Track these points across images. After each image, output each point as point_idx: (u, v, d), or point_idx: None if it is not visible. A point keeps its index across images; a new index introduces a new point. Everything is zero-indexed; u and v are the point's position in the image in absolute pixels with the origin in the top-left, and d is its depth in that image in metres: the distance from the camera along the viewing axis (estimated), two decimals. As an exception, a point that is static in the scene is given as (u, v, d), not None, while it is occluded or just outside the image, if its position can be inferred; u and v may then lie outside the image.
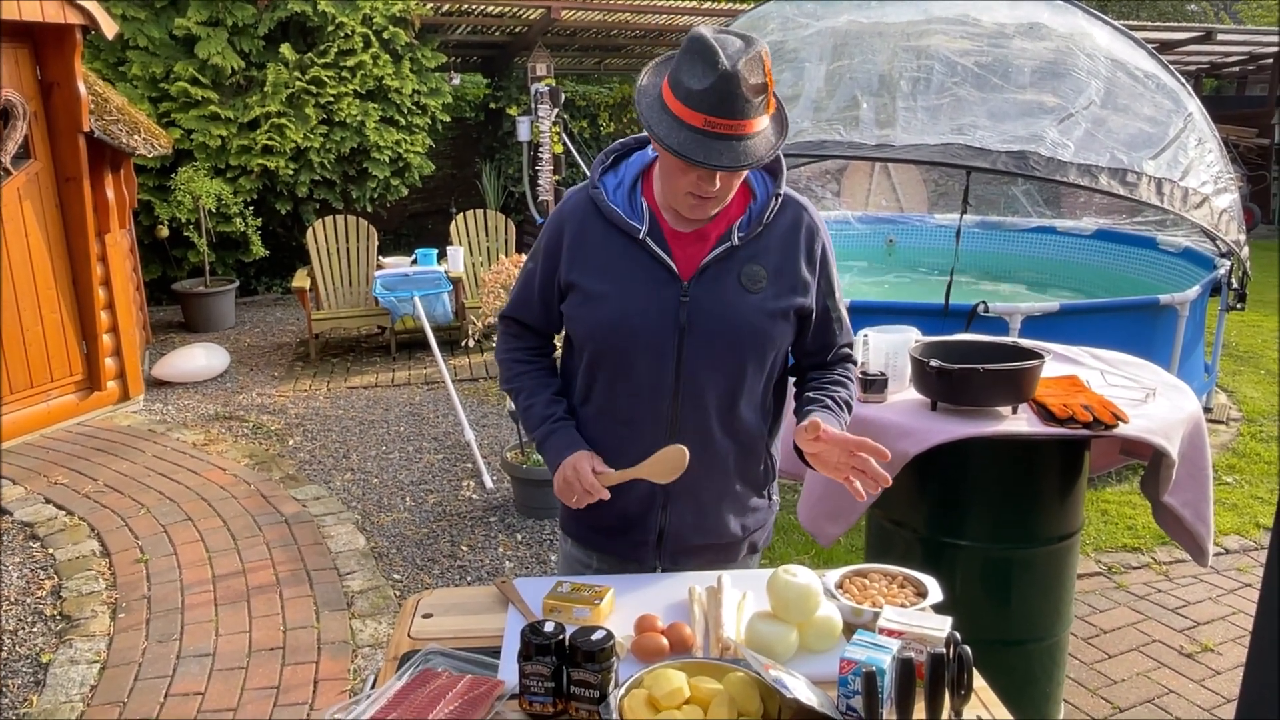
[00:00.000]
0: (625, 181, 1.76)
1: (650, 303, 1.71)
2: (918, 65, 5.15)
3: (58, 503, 4.39)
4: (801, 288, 1.76)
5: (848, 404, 1.84)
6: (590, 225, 1.75)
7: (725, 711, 1.33)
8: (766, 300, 1.72)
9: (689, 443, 1.69)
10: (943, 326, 4.32)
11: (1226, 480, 4.64)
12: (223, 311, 7.67)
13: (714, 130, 1.53)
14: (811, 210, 1.80)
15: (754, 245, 1.73)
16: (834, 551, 3.71)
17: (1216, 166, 5.11)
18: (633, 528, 1.84)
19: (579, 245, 1.75)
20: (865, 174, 8.26)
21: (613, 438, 1.78)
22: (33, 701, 2.99)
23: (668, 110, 1.57)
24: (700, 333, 1.71)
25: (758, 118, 1.56)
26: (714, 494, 1.82)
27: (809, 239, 1.77)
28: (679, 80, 1.56)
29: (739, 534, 1.89)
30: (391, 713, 1.37)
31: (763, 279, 1.72)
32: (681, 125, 1.55)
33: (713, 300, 1.71)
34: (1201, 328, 5.31)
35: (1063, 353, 2.95)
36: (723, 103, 1.52)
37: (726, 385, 1.75)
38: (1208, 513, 2.60)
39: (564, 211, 1.79)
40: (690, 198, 1.64)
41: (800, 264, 1.76)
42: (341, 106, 8.10)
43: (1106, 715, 2.92)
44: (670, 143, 1.54)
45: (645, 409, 1.75)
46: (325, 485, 4.64)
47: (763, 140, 1.58)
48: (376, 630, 3.39)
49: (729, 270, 1.71)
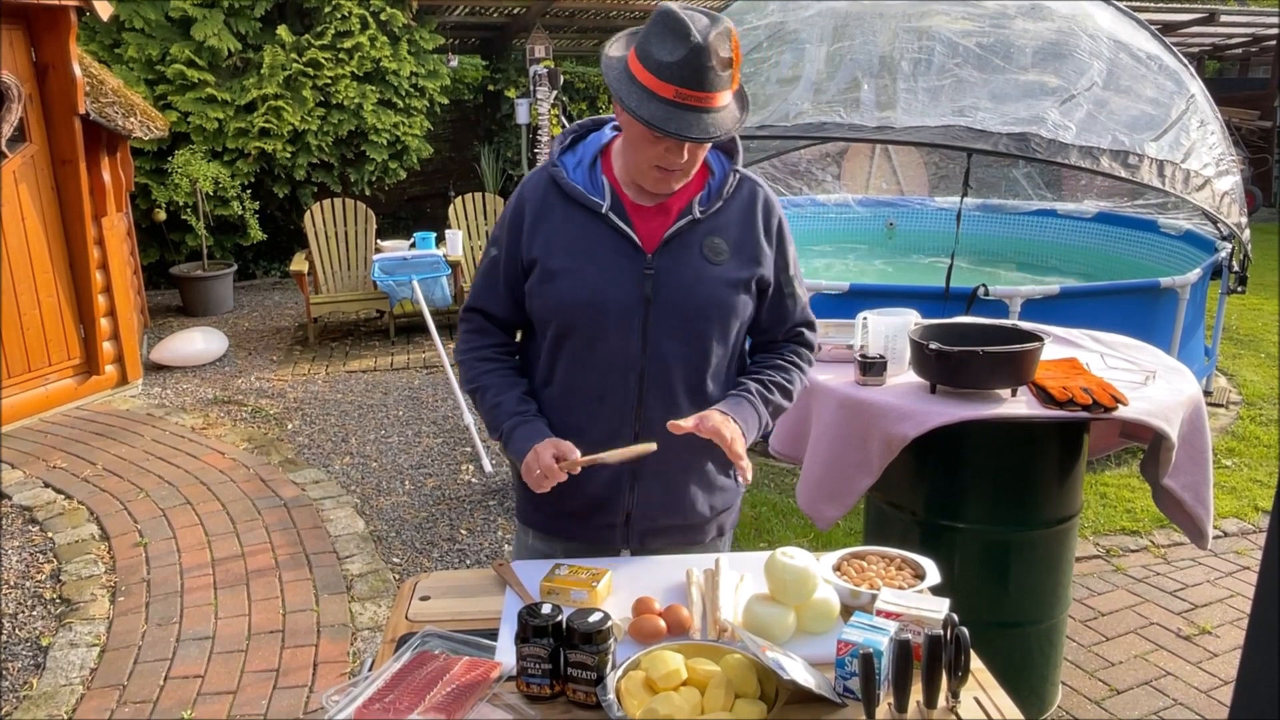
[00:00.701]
0: (585, 160, 1.77)
1: (615, 275, 1.71)
2: (919, 46, 5.12)
3: (57, 486, 4.39)
4: (761, 260, 1.79)
5: (781, 387, 1.84)
6: (551, 203, 1.76)
7: (722, 693, 1.33)
8: (728, 271, 1.76)
9: (655, 417, 1.73)
10: (943, 309, 4.31)
11: (1226, 463, 4.64)
12: (221, 295, 7.65)
13: (685, 102, 1.55)
14: (766, 188, 1.84)
15: (714, 219, 1.76)
16: (832, 534, 3.71)
17: (1218, 149, 5.09)
18: (600, 511, 1.84)
19: (541, 223, 1.75)
20: (866, 156, 8.23)
21: (579, 414, 1.78)
22: (33, 684, 3.00)
23: (637, 82, 1.58)
24: (665, 304, 1.73)
25: (724, 91, 1.59)
26: (682, 471, 1.83)
27: (766, 213, 1.81)
28: (649, 53, 1.57)
29: (707, 514, 1.89)
30: (389, 694, 1.37)
31: (724, 251, 1.75)
32: (653, 97, 1.56)
33: (677, 272, 1.73)
34: (1202, 311, 5.30)
35: (1062, 335, 2.95)
36: (694, 74, 1.54)
37: (691, 357, 1.77)
38: (1207, 496, 2.60)
39: (524, 193, 1.79)
40: (656, 170, 1.65)
41: (759, 236, 1.80)
42: (339, 89, 8.06)
43: (1103, 697, 2.93)
44: (642, 114, 1.56)
45: (612, 383, 1.75)
46: (324, 469, 4.64)
47: (729, 114, 1.61)
48: (376, 613, 3.39)
49: (691, 242, 1.74)
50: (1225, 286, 5.45)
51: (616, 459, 1.67)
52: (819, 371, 2.66)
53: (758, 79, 5.46)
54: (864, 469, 2.50)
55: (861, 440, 2.48)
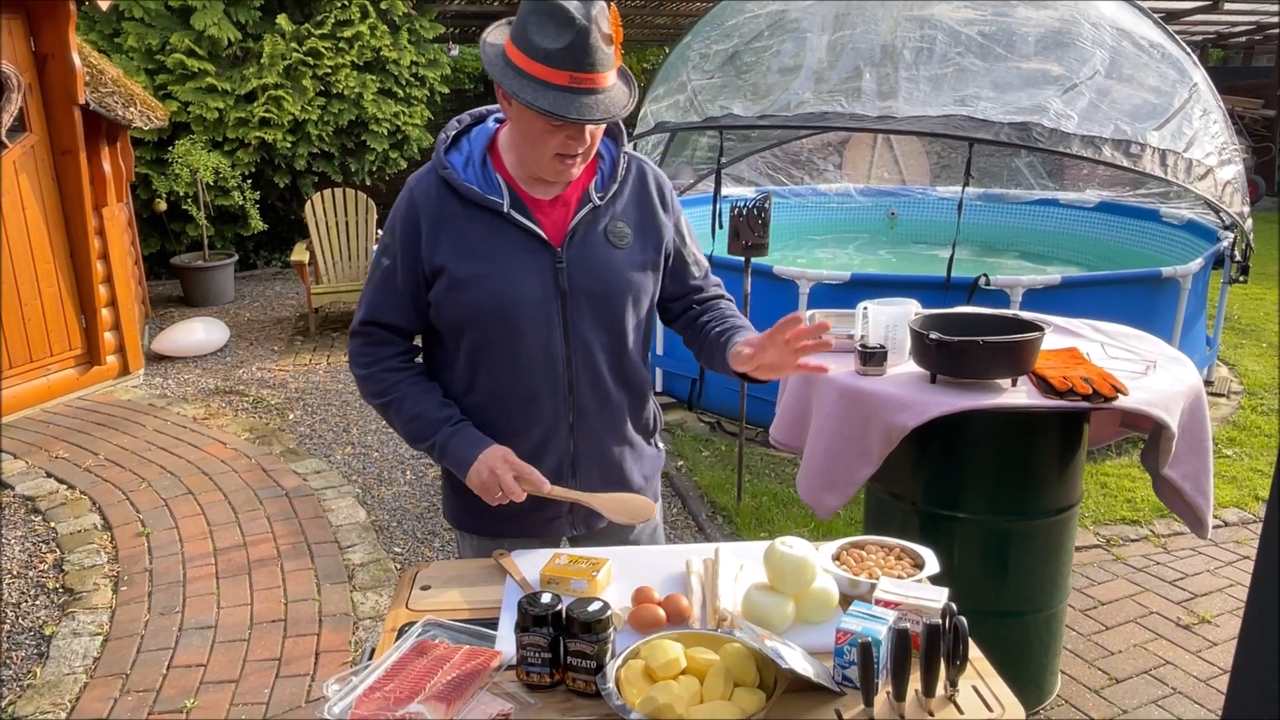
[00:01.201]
0: (474, 157, 1.73)
1: (528, 274, 1.70)
2: (921, 35, 5.09)
3: (59, 476, 4.40)
4: (663, 235, 1.83)
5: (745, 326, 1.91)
6: (447, 207, 1.70)
7: (721, 682, 1.33)
8: (635, 253, 1.78)
9: (586, 404, 1.77)
10: (944, 299, 4.30)
11: (1227, 453, 4.64)
12: (222, 286, 7.65)
13: (580, 86, 1.54)
14: (653, 165, 1.87)
15: (613, 204, 1.78)
16: (832, 524, 3.71)
17: (1221, 138, 5.07)
18: (546, 503, 1.83)
19: (440, 229, 1.70)
20: (867, 146, 8.20)
21: (514, 417, 1.77)
22: (36, 673, 3.02)
23: (526, 74, 1.55)
24: (581, 294, 1.73)
25: (611, 70, 1.58)
26: (617, 446, 1.86)
27: (659, 190, 1.84)
28: (532, 43, 1.54)
29: (641, 483, 1.93)
30: (389, 683, 1.38)
31: (628, 234, 1.77)
32: (547, 86, 1.54)
33: (587, 261, 1.73)
34: (1204, 300, 5.29)
35: (1063, 325, 2.94)
36: (585, 57, 1.53)
37: (612, 340, 1.79)
38: (1207, 485, 2.60)
39: (414, 198, 1.72)
40: (558, 160, 1.64)
41: (658, 213, 1.82)
42: (339, 78, 8.04)
43: (1103, 685, 2.94)
44: (540, 105, 1.53)
45: (540, 380, 1.75)
46: (326, 459, 4.65)
47: (619, 91, 1.61)
48: (378, 602, 3.40)
49: (595, 230, 1.75)
50: (1227, 276, 5.43)
51: (602, 506, 1.75)
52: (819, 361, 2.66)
53: (759, 68, 5.44)
54: (864, 459, 2.51)
55: (861, 430, 2.48)
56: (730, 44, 5.74)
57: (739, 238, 3.72)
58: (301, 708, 2.85)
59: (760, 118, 5.02)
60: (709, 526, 3.92)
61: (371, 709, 1.32)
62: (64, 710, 2.84)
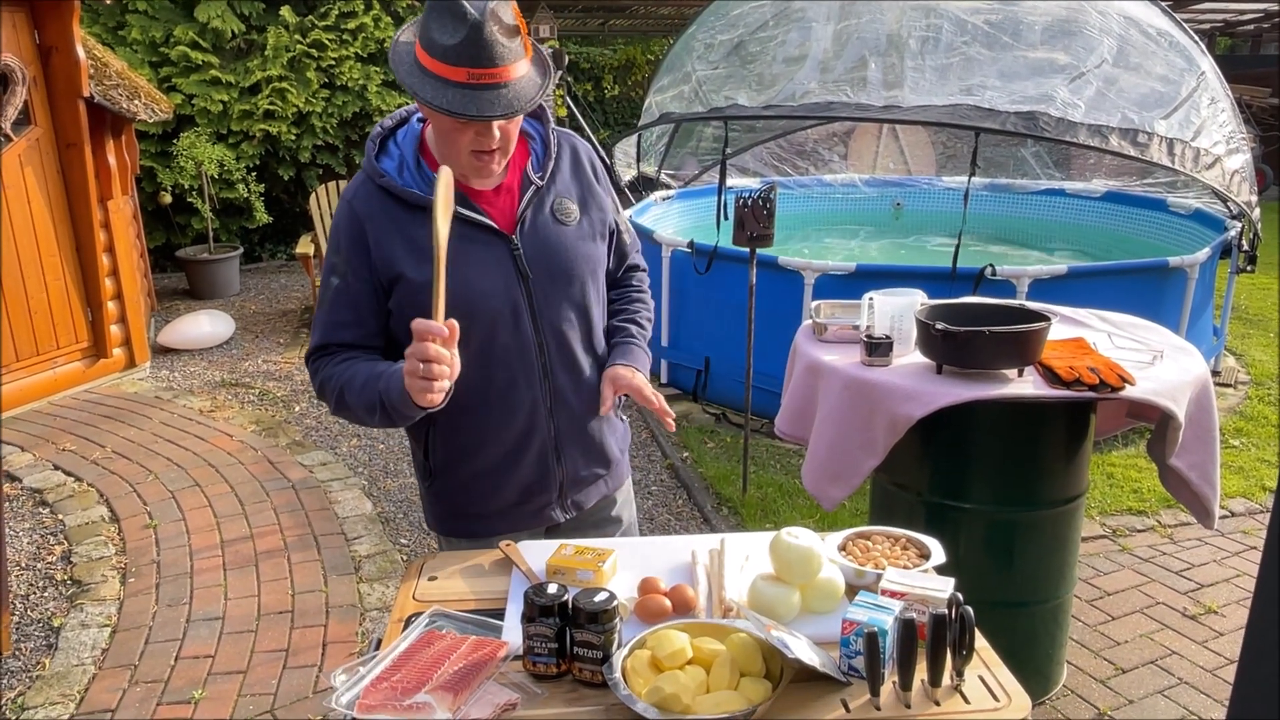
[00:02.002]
0: (407, 159, 1.71)
1: (488, 266, 1.70)
2: (927, 24, 5.07)
3: (66, 469, 4.42)
4: (605, 207, 1.85)
5: (649, 320, 1.99)
6: (392, 214, 1.67)
7: (727, 672, 1.33)
8: (584, 227, 1.80)
9: (562, 383, 1.79)
10: (950, 290, 4.29)
11: (1233, 443, 4.63)
12: (227, 278, 7.66)
13: (479, 82, 1.52)
14: (580, 139, 1.88)
15: (553, 183, 1.78)
16: (838, 515, 3.71)
17: (1229, 127, 5.04)
18: (534, 494, 1.84)
19: (388, 236, 1.67)
20: (873, 136, 8.17)
21: (495, 410, 1.76)
22: (45, 664, 3.03)
23: (428, 72, 1.54)
24: (542, 277, 1.74)
25: (518, 61, 1.56)
26: (594, 423, 1.88)
27: (591, 163, 1.86)
28: (431, 40, 1.53)
29: (618, 456, 1.97)
30: (396, 673, 1.38)
31: (573, 210, 1.79)
32: (447, 84, 1.52)
33: (541, 243, 1.74)
34: (1211, 290, 5.27)
35: (1070, 315, 2.93)
36: (481, 52, 1.51)
37: (580, 318, 1.81)
38: (1214, 475, 2.59)
39: (355, 211, 1.68)
40: (474, 157, 1.62)
41: (594, 185, 1.84)
42: (343, 70, 8.03)
43: (1109, 676, 2.94)
44: (440, 103, 1.52)
45: (515, 369, 1.75)
46: (331, 451, 4.66)
47: (529, 83, 1.58)
48: (384, 594, 3.41)
49: (542, 211, 1.76)
50: (1234, 265, 5.41)
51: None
52: (824, 352, 2.66)
53: (764, 58, 5.42)
54: (869, 449, 2.50)
55: (867, 421, 2.48)
56: (735, 34, 5.72)
57: (744, 229, 3.71)
58: (309, 698, 2.86)
59: (765, 108, 5.00)
60: (714, 518, 3.92)
61: (379, 699, 1.33)
62: (73, 701, 2.85)
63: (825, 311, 2.88)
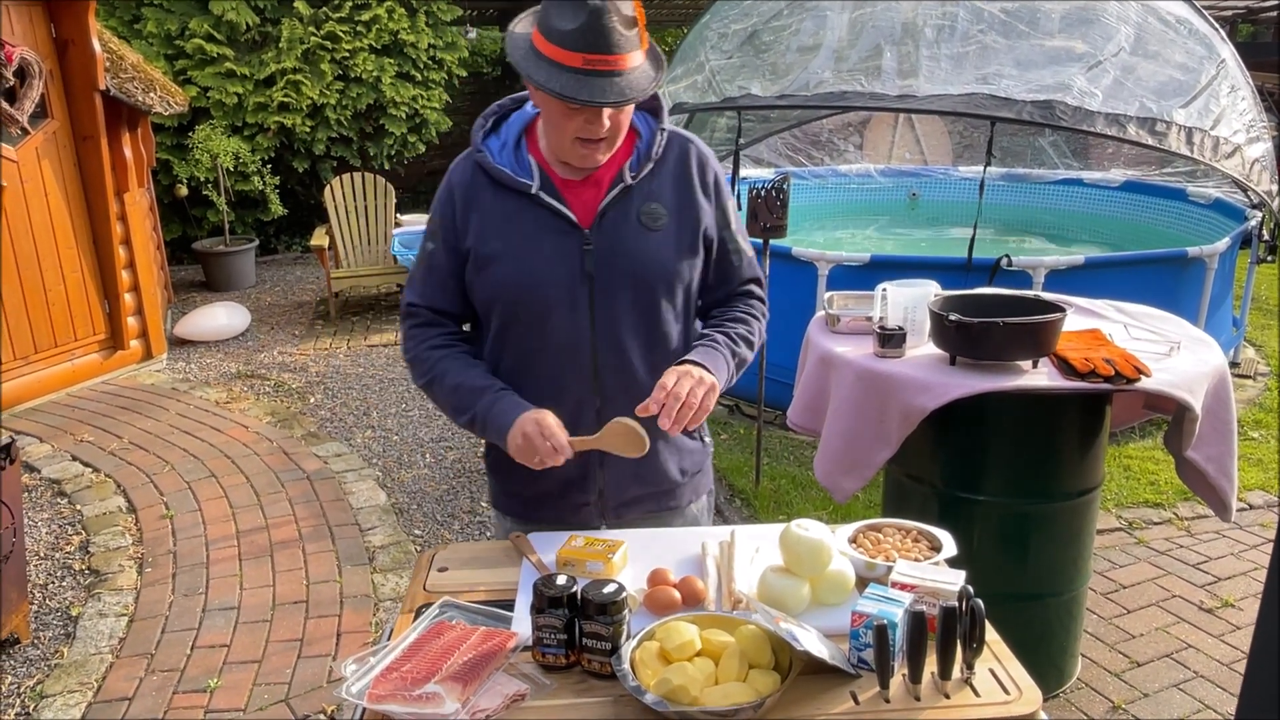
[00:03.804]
0: (509, 141, 1.73)
1: (553, 256, 1.69)
2: (942, 12, 5.02)
3: (84, 460, 4.46)
4: (701, 218, 1.75)
5: (745, 339, 1.81)
6: (480, 190, 1.71)
7: (736, 664, 1.33)
8: (669, 235, 1.72)
9: (614, 391, 1.72)
10: (965, 281, 4.25)
11: (1253, 435, 4.58)
12: (243, 270, 7.70)
13: (594, 68, 1.52)
14: (699, 143, 1.79)
15: (648, 183, 1.72)
16: (851, 507, 3.70)
17: (1249, 115, 4.97)
18: (572, 490, 1.82)
19: (472, 211, 1.71)
20: (888, 126, 8.12)
21: (536, 399, 1.73)
22: (63, 653, 3.06)
23: (543, 56, 1.55)
24: (609, 278, 1.70)
25: (633, 52, 1.55)
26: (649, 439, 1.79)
27: (700, 169, 1.76)
28: (549, 25, 1.54)
29: (679, 478, 1.89)
30: (406, 664, 1.39)
31: (663, 215, 1.72)
32: (561, 68, 1.53)
33: (617, 244, 1.70)
34: (1230, 281, 5.22)
35: (1085, 306, 2.91)
36: (599, 38, 1.51)
37: (644, 327, 1.74)
38: (1232, 468, 2.56)
39: (451, 183, 1.75)
40: (579, 144, 1.62)
41: (697, 195, 1.75)
42: (357, 62, 8.04)
43: (1124, 669, 2.92)
44: (552, 87, 1.52)
45: (565, 364, 1.73)
46: (346, 442, 4.68)
47: (642, 74, 1.57)
48: (398, 584, 3.43)
49: (628, 211, 1.70)
50: (1255, 256, 5.35)
51: (607, 444, 1.65)
52: (837, 343, 2.65)
53: (777, 47, 5.39)
54: (882, 441, 2.49)
55: (880, 412, 2.47)
56: (749, 23, 5.69)
57: (757, 219, 3.70)
58: (323, 687, 2.88)
59: (779, 98, 4.97)
60: (727, 509, 3.92)
61: (389, 689, 1.33)
62: (90, 690, 2.88)
63: (838, 303, 2.87)
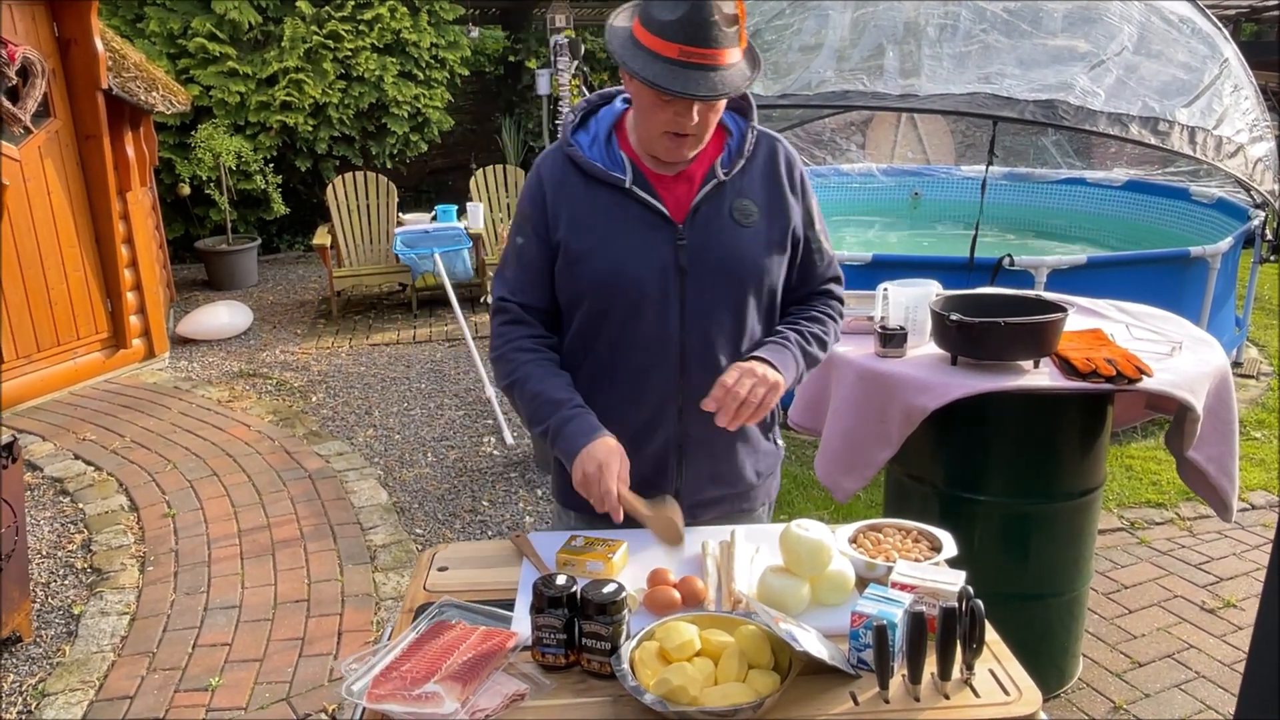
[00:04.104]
0: (600, 136, 1.74)
1: (646, 249, 1.69)
2: (945, 11, 5.02)
3: (86, 458, 4.47)
4: (790, 216, 1.76)
5: (819, 339, 1.80)
6: (571, 183, 1.72)
7: (736, 664, 1.33)
8: (760, 232, 1.73)
9: (698, 388, 1.69)
10: (967, 280, 4.24)
11: (1255, 435, 4.58)
12: (245, 269, 7.70)
13: (689, 60, 1.52)
14: (785, 143, 1.80)
15: (739, 180, 1.73)
16: (852, 506, 3.70)
17: (1253, 114, 4.97)
18: (648, 488, 1.79)
19: (563, 205, 1.71)
20: (891, 125, 8.11)
21: (620, 392, 1.75)
22: (66, 651, 3.07)
23: (641, 45, 1.56)
24: (701, 273, 1.70)
25: (731, 48, 1.56)
26: (727, 439, 1.80)
27: (789, 168, 1.78)
28: (650, 15, 1.55)
29: (754, 480, 1.89)
30: (406, 663, 1.39)
31: (754, 212, 1.72)
32: (656, 58, 1.54)
33: (709, 239, 1.70)
34: (1233, 281, 5.20)
35: (1087, 306, 2.90)
36: (696, 31, 1.51)
37: (732, 323, 1.74)
38: (1233, 468, 2.56)
39: (541, 175, 1.75)
40: (668, 138, 1.62)
41: (785, 192, 1.76)
42: (359, 61, 8.04)
43: (1125, 669, 2.92)
44: (646, 75, 1.53)
45: (653, 358, 1.73)
46: (348, 441, 4.68)
47: (737, 72, 1.57)
48: (399, 583, 3.43)
49: (720, 207, 1.70)
50: (1257, 255, 5.34)
51: (650, 523, 1.67)
52: (838, 343, 2.64)
53: (779, 46, 5.38)
54: (883, 441, 2.49)
55: (881, 412, 2.47)
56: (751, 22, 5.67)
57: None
58: (324, 686, 2.89)
59: (781, 97, 4.97)
60: (728, 509, 3.91)
61: (389, 688, 1.33)
62: (92, 688, 2.89)
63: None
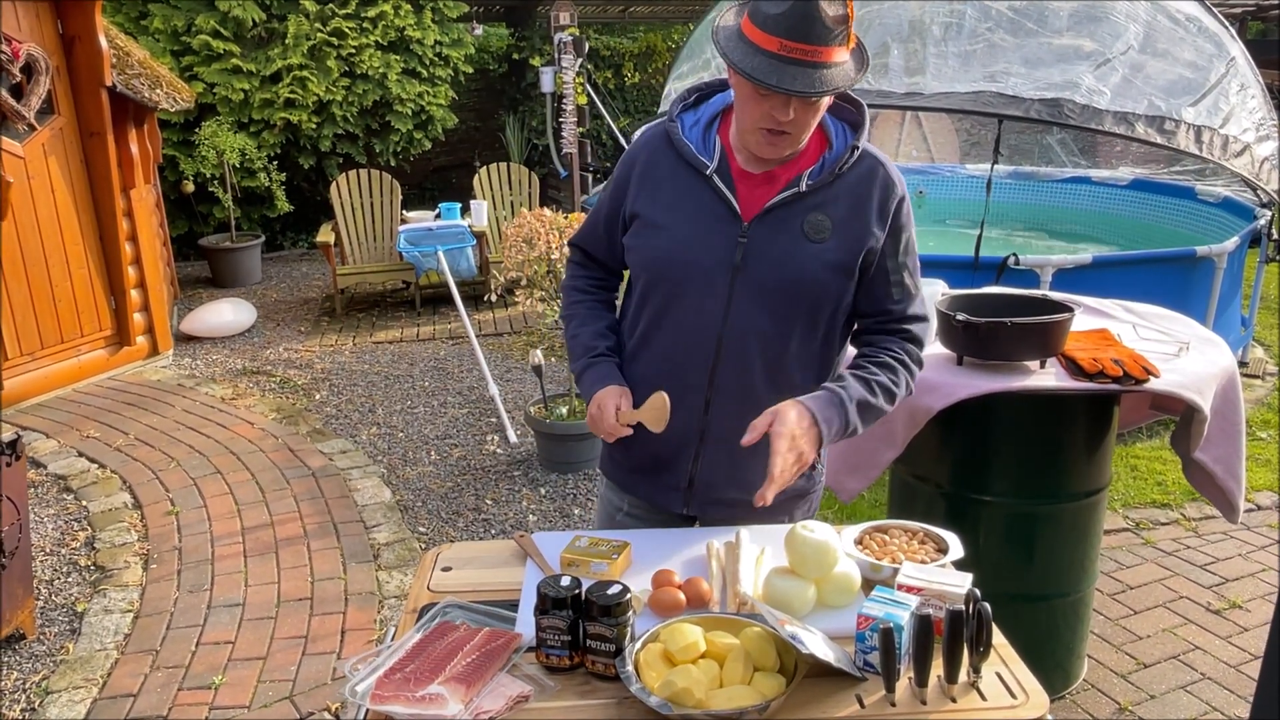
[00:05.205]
0: (702, 119, 1.75)
1: (708, 239, 1.69)
2: (950, 10, 5.01)
3: (90, 456, 4.47)
4: (866, 241, 1.68)
5: (885, 388, 1.70)
6: (661, 158, 1.75)
7: (741, 666, 1.32)
8: (827, 251, 1.67)
9: (728, 387, 1.71)
10: (973, 280, 4.24)
11: (1261, 435, 4.56)
12: (249, 267, 7.70)
13: (789, 55, 1.50)
14: (891, 167, 1.73)
15: (822, 194, 1.67)
16: (857, 507, 3.69)
17: (1259, 113, 4.95)
18: (664, 470, 1.84)
19: (647, 177, 1.76)
20: (895, 123, 8.09)
21: (654, 368, 1.78)
22: (69, 649, 3.07)
23: (745, 38, 1.56)
24: (753, 274, 1.68)
25: (837, 47, 1.53)
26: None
27: (884, 193, 1.70)
28: (758, 9, 1.55)
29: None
30: (410, 664, 1.38)
31: (827, 229, 1.67)
32: (757, 50, 1.53)
33: (771, 243, 1.67)
34: (1239, 280, 5.19)
35: (1094, 306, 2.89)
36: (799, 25, 1.49)
37: (773, 332, 1.71)
38: (1239, 469, 2.55)
39: (638, 144, 1.81)
40: (762, 133, 1.60)
41: (870, 217, 1.68)
42: (363, 58, 8.03)
43: (1130, 670, 2.91)
44: (744, 67, 1.52)
45: (689, 344, 1.73)
46: (351, 439, 4.68)
47: (839, 72, 1.54)
48: (403, 582, 3.43)
49: (793, 216, 1.67)
50: (1264, 255, 5.32)
51: (645, 417, 1.71)
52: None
53: (784, 45, 5.37)
54: (888, 442, 2.48)
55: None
56: (755, 21, 5.67)
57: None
58: (327, 684, 2.89)
59: (785, 96, 4.96)
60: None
61: (392, 689, 1.33)
62: (96, 686, 2.89)
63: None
